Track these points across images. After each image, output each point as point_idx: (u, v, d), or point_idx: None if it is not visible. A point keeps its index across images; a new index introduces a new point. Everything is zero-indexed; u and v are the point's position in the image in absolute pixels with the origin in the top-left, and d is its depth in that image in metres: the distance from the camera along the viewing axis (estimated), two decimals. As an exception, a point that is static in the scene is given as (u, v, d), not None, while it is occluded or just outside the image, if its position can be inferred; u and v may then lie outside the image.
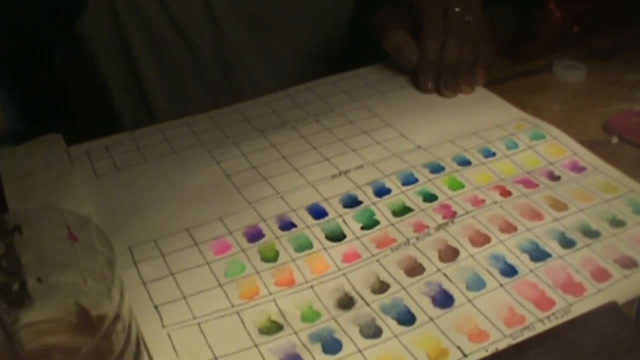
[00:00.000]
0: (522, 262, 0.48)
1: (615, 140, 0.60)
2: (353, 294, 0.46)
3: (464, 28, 0.66)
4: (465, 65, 0.67)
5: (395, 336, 0.43)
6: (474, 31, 0.67)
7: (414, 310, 0.45)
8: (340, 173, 0.57)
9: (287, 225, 0.52)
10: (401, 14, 0.69)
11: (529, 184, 0.55)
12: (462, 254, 0.48)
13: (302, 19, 0.80)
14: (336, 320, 0.44)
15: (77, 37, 0.73)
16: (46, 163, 0.58)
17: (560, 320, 0.44)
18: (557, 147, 0.59)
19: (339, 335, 0.43)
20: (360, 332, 0.43)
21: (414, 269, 0.47)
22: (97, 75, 0.76)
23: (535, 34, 0.72)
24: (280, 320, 0.44)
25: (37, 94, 0.71)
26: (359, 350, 0.42)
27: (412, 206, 0.53)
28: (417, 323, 0.44)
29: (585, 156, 0.58)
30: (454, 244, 0.49)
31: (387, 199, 0.54)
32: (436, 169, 0.57)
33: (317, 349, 0.42)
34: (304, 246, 0.50)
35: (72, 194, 0.55)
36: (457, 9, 0.66)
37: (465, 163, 0.57)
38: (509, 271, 0.47)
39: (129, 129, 0.64)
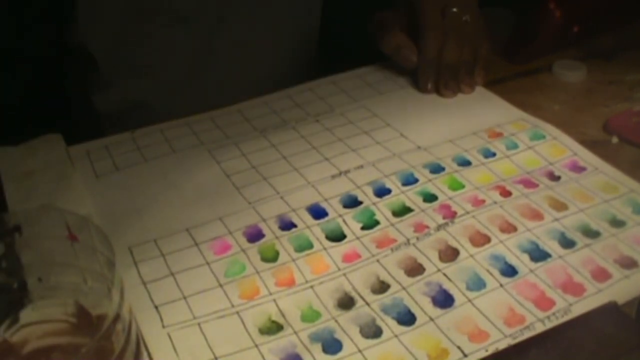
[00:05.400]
0: (522, 262, 0.48)
1: (615, 140, 0.60)
2: (353, 294, 0.46)
3: (463, 28, 0.66)
4: (465, 65, 0.67)
5: (396, 336, 0.43)
6: (473, 31, 0.67)
7: (414, 310, 0.45)
8: (340, 173, 0.57)
9: (287, 225, 0.52)
10: (398, 15, 0.69)
11: (529, 184, 0.55)
12: (462, 254, 0.48)
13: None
14: (336, 320, 0.44)
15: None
16: (46, 163, 0.58)
17: (560, 320, 0.43)
18: (557, 147, 0.59)
19: (339, 335, 0.43)
20: (361, 332, 0.43)
21: (414, 269, 0.47)
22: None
23: (535, 34, 0.72)
24: (281, 320, 0.44)
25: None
26: (359, 351, 0.42)
27: (412, 206, 0.53)
28: (417, 323, 0.44)
29: (585, 156, 0.58)
30: (454, 244, 0.49)
31: (387, 199, 0.54)
32: (436, 169, 0.57)
33: (317, 349, 0.42)
34: (304, 246, 0.50)
35: (72, 194, 0.55)
36: (454, 9, 0.66)
37: (466, 163, 0.57)
38: (509, 271, 0.47)
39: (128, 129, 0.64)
